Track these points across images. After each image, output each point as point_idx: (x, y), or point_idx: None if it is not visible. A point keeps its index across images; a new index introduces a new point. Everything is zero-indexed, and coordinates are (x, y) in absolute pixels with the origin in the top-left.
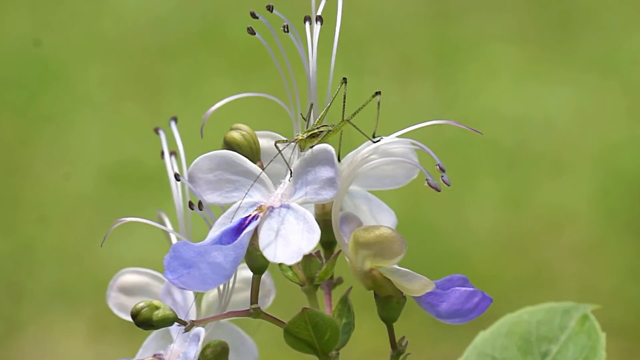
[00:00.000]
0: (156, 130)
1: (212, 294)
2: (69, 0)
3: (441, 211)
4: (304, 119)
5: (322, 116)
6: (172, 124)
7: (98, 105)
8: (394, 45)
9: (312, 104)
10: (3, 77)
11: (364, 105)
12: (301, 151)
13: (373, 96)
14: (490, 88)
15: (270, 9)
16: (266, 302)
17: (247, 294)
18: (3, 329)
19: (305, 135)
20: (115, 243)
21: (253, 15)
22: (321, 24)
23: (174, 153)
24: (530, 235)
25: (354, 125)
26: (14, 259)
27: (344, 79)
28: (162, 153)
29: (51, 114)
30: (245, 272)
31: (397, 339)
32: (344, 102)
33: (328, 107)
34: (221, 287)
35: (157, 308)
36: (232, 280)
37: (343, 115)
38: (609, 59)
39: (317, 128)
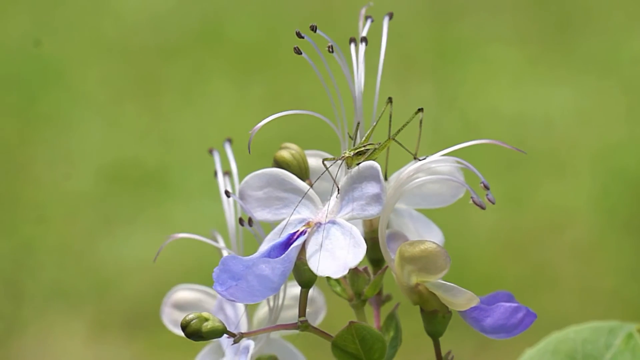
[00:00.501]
0: (210, 152)
1: (262, 311)
2: (69, 0)
3: (441, 211)
4: (350, 137)
5: (368, 134)
6: (227, 145)
7: (98, 105)
8: (394, 45)
9: (358, 122)
10: (3, 77)
11: (407, 122)
12: (348, 169)
13: (416, 113)
14: (490, 88)
15: (313, 29)
16: (317, 320)
17: (297, 310)
18: (3, 329)
19: (352, 153)
20: (115, 243)
21: (299, 35)
22: (366, 45)
23: (227, 173)
24: (530, 235)
25: (399, 143)
26: (14, 259)
27: (389, 98)
28: (216, 173)
29: (51, 114)
30: (295, 290)
31: (443, 354)
32: (390, 120)
33: (374, 126)
34: (271, 303)
35: (206, 320)
36: (281, 296)
37: (389, 133)
38: (609, 59)
39: (364, 146)
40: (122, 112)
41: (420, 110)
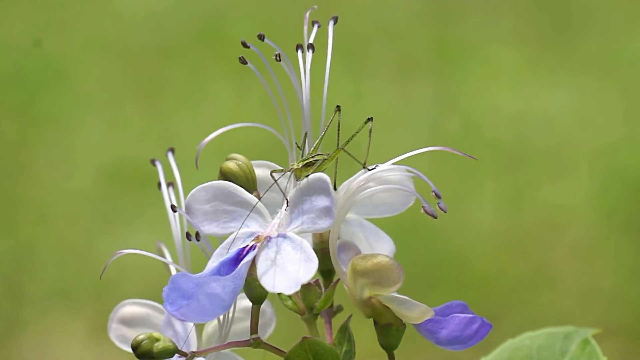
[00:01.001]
0: (152, 162)
1: (212, 325)
2: (69, 0)
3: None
4: (298, 147)
5: (317, 145)
6: (170, 154)
7: (98, 105)
8: (394, 45)
9: (306, 133)
10: (3, 77)
11: (357, 132)
12: (297, 180)
13: (365, 122)
14: (490, 88)
15: (261, 38)
16: (267, 332)
17: (247, 323)
18: (3, 329)
19: (300, 165)
20: (115, 244)
21: (244, 45)
22: (312, 52)
23: (171, 184)
24: (530, 235)
25: (349, 154)
26: (14, 259)
27: (338, 106)
28: (159, 184)
29: (51, 114)
30: (245, 302)
31: None
32: (339, 130)
33: (322, 136)
34: (221, 317)
35: (157, 340)
36: (231, 310)
37: (338, 143)
38: (609, 60)
39: (312, 157)
40: (122, 112)
41: (370, 119)
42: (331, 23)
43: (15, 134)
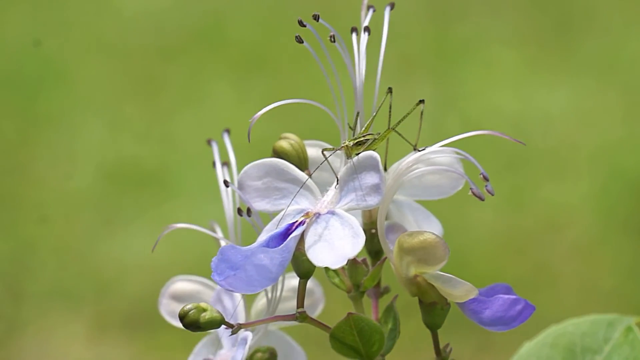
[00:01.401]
0: (209, 142)
1: (261, 302)
2: (69, 0)
3: (441, 210)
4: (350, 128)
5: (368, 124)
6: (225, 135)
7: (98, 105)
8: (394, 45)
9: (358, 113)
10: (3, 77)
11: (408, 114)
12: (347, 159)
13: (417, 104)
14: (490, 88)
15: (316, 18)
16: (315, 311)
17: (295, 302)
18: (3, 329)
19: (351, 143)
20: (115, 244)
21: (301, 23)
22: (369, 35)
23: (225, 163)
24: (530, 234)
25: (399, 134)
26: (14, 259)
27: (389, 88)
28: (214, 163)
29: (51, 114)
30: (293, 282)
31: (441, 346)
32: (390, 110)
33: (374, 116)
34: (269, 294)
35: (204, 310)
36: (279, 287)
37: (389, 123)
38: (608, 60)
39: (363, 136)
40: (122, 112)
41: (422, 102)
42: (387, 8)
43: (15, 134)
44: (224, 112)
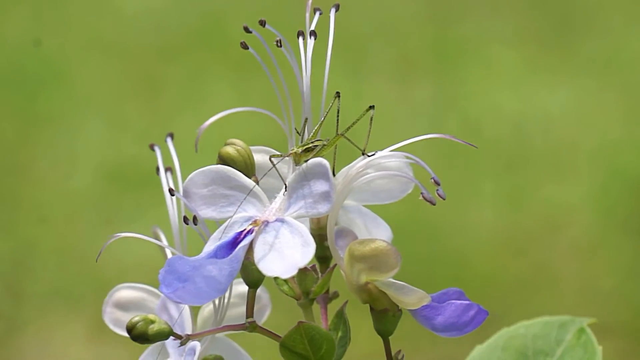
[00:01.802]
0: (151, 147)
1: (207, 309)
2: (69, 0)
3: (441, 211)
4: (298, 133)
5: (316, 130)
6: (168, 139)
7: (98, 105)
8: (394, 45)
9: (306, 119)
10: (3, 77)
11: (357, 120)
12: (296, 165)
13: (367, 110)
14: (490, 88)
15: (262, 23)
16: (262, 317)
17: (243, 308)
18: (3, 329)
19: (299, 150)
20: (115, 244)
21: (246, 29)
22: (315, 39)
23: (169, 169)
24: (529, 234)
25: (349, 139)
26: (14, 259)
27: (337, 93)
28: (157, 169)
29: (51, 114)
30: (240, 287)
31: (393, 352)
32: (338, 116)
33: (322, 122)
34: (217, 302)
35: (152, 322)
36: (227, 295)
37: (337, 129)
38: (609, 59)
39: (312, 142)
40: (122, 112)
41: (372, 107)
42: (333, 10)
43: (15, 133)
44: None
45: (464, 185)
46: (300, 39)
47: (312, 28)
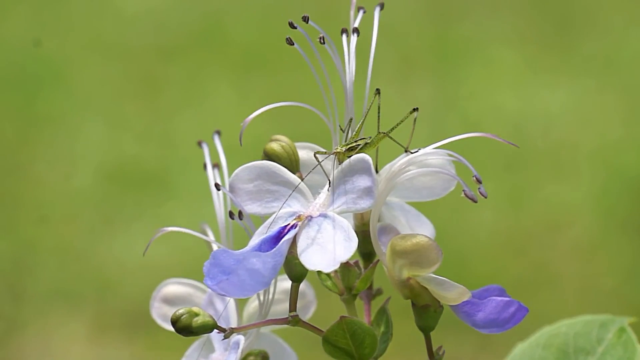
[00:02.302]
0: (199, 144)
1: (252, 305)
2: (69, 0)
3: (441, 211)
4: (341, 130)
5: (358, 129)
6: (216, 137)
7: (98, 105)
8: (394, 45)
9: (351, 118)
10: (3, 77)
11: (402, 121)
12: (340, 164)
13: (411, 112)
14: (490, 88)
15: (306, 19)
16: (307, 314)
17: (287, 305)
18: (3, 329)
19: (344, 149)
20: (115, 244)
21: (292, 25)
22: (357, 36)
23: (216, 165)
24: (530, 234)
25: (392, 138)
26: (14, 259)
27: (377, 90)
28: (205, 165)
29: (51, 114)
30: (286, 284)
31: (434, 348)
32: (379, 113)
33: (364, 120)
34: (261, 297)
35: (196, 315)
36: (272, 290)
37: (378, 127)
38: (609, 59)
39: (355, 141)
40: (122, 112)
41: (415, 109)
42: (377, 9)
43: (15, 134)
44: (224, 112)
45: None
46: (344, 36)
47: (356, 25)
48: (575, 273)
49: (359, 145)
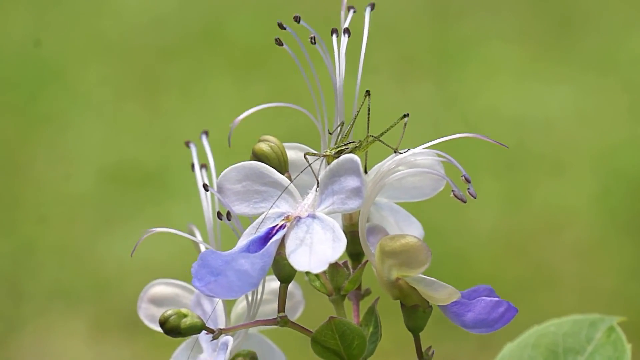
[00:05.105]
0: (187, 144)
1: (241, 306)
2: (69, 0)
3: (441, 211)
4: (329, 133)
5: (347, 132)
6: (204, 137)
7: (98, 105)
8: (394, 45)
9: (342, 122)
10: (3, 77)
11: (392, 126)
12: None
13: (401, 118)
14: (490, 88)
15: (297, 20)
16: (295, 314)
17: (276, 305)
18: (3, 329)
19: (333, 152)
20: (115, 243)
21: (281, 26)
22: (349, 37)
23: (204, 166)
24: (530, 235)
25: (383, 142)
26: (14, 259)
27: (367, 91)
28: (192, 165)
29: (51, 114)
30: (274, 284)
31: (423, 349)
32: (369, 115)
33: (353, 123)
34: (250, 297)
35: (185, 316)
36: (260, 291)
37: (367, 130)
38: (609, 58)
39: (345, 144)
40: (122, 112)
41: (406, 115)
42: (368, 9)
43: (14, 134)
44: (224, 112)
45: (464, 185)
46: (334, 37)
47: (346, 25)
48: (575, 273)
49: (348, 148)
